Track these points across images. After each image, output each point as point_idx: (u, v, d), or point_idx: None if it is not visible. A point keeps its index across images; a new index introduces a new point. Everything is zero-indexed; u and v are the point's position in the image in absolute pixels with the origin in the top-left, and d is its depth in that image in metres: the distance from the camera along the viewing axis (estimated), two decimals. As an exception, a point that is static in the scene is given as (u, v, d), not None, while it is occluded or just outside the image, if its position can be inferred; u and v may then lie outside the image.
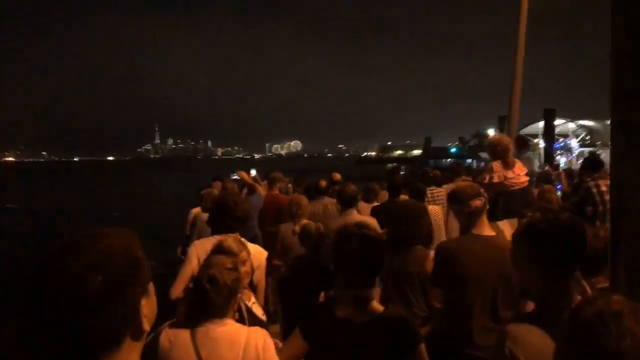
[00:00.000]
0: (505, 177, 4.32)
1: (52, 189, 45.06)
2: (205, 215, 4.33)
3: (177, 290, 2.79)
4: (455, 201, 2.66)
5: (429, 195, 5.64)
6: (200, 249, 2.91)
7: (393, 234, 2.89)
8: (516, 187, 4.31)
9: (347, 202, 4.48)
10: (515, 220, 3.28)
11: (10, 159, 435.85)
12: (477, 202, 2.57)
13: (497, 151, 4.49)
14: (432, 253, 3.14)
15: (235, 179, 7.69)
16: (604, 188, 4.54)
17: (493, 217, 3.51)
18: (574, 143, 35.91)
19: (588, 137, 37.53)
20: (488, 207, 2.63)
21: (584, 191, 4.77)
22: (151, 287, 0.95)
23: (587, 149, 35.49)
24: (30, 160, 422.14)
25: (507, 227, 3.19)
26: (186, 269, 2.85)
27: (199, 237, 4.33)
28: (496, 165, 4.43)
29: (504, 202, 4.18)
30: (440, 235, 4.90)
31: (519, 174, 4.35)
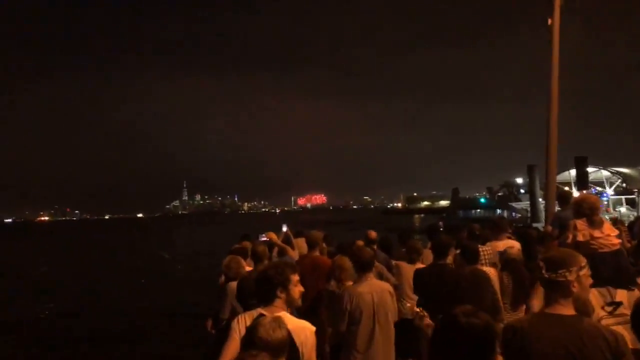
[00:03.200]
0: (592, 237, 3.75)
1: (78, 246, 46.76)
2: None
3: None
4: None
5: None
6: (242, 324, 2.61)
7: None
8: (606, 250, 3.70)
9: (363, 267, 4.08)
10: (605, 290, 2.80)
11: (45, 218, 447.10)
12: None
13: (582, 208, 3.95)
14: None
15: (265, 240, 7.34)
16: None
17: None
18: (609, 191, 34.59)
19: (623, 184, 36.20)
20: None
21: None
22: None
23: (623, 197, 34.20)
24: (63, 219, 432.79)
25: (596, 298, 2.72)
26: (229, 347, 2.53)
27: (233, 310, 4.00)
28: (580, 223, 3.87)
29: (591, 267, 3.63)
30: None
31: (608, 234, 3.76)
